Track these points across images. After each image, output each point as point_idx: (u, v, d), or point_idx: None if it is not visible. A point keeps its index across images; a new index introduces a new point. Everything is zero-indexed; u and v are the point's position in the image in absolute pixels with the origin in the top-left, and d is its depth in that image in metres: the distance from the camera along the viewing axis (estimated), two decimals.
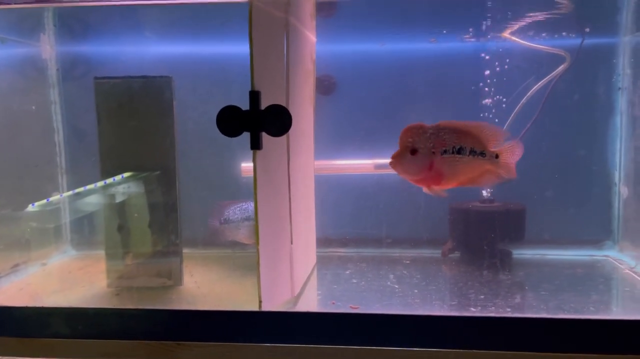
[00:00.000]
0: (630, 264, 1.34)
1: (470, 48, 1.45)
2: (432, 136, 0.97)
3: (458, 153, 0.99)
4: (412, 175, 0.99)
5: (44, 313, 1.04)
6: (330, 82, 1.51)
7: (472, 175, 1.01)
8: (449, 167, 0.99)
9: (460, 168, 1.00)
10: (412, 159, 0.97)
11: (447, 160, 0.98)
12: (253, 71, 0.94)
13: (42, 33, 1.51)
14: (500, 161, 1.02)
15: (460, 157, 0.99)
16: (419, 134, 0.97)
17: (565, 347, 0.92)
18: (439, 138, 0.97)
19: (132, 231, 1.25)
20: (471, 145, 1.00)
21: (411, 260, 1.41)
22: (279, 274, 1.08)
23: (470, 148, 1.00)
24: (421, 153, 0.97)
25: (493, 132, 1.02)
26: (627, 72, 1.40)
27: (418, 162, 0.97)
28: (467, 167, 1.00)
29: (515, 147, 1.03)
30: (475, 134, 1.00)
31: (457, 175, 1.00)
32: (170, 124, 1.21)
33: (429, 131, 0.97)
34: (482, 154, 1.00)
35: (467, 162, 1.00)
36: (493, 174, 1.03)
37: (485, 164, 1.01)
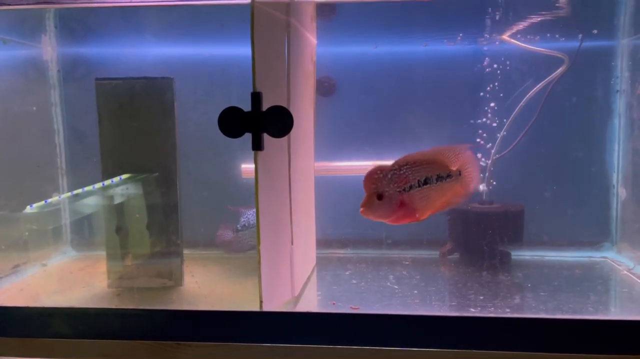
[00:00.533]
0: (629, 266, 1.35)
1: (469, 50, 1.45)
2: (394, 176, 0.97)
3: (425, 184, 0.99)
4: (384, 218, 0.99)
5: (45, 313, 1.04)
6: (330, 84, 1.52)
7: (445, 199, 1.01)
8: (419, 200, 0.98)
9: (431, 197, 1.00)
10: (380, 204, 0.97)
11: (415, 194, 0.98)
12: (255, 72, 0.94)
13: (43, 34, 1.52)
14: (464, 175, 1.02)
15: (429, 187, 0.99)
16: (380, 179, 0.97)
17: (563, 347, 0.92)
18: (401, 176, 0.97)
19: (130, 233, 1.25)
20: (437, 172, 1.00)
21: (411, 261, 1.41)
22: (280, 274, 1.08)
23: (437, 175, 1.00)
24: (387, 196, 0.96)
25: (451, 152, 1.02)
26: (625, 74, 1.41)
27: (387, 205, 0.97)
28: (438, 194, 1.00)
29: (468, 157, 1.02)
30: (436, 160, 1.01)
31: (430, 204, 1.00)
32: (172, 125, 1.21)
33: (390, 172, 0.97)
34: (448, 176, 1.01)
35: (436, 189, 1.00)
36: (462, 191, 1.03)
37: (453, 185, 1.02)
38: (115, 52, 1.54)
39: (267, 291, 0.99)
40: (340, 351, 0.97)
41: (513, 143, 1.43)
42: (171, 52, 1.53)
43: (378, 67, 1.50)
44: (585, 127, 1.46)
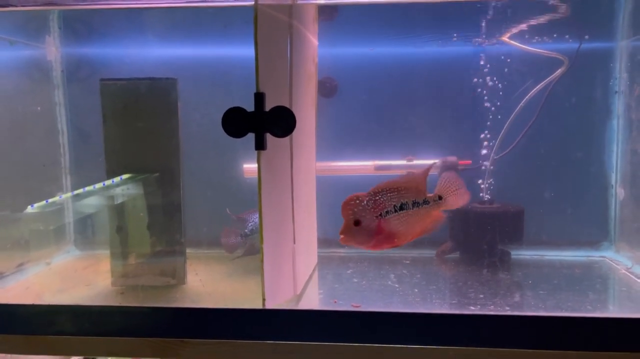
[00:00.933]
0: (627, 265, 1.36)
1: (469, 52, 1.47)
2: (370, 203, 0.99)
3: (401, 209, 1.01)
4: (363, 244, 1.01)
5: (50, 311, 1.05)
6: (331, 85, 1.53)
7: (423, 224, 1.03)
8: (397, 225, 1.01)
9: (409, 222, 1.01)
10: (357, 230, 0.99)
11: (392, 220, 1.00)
12: (258, 73, 0.96)
13: (47, 35, 1.53)
14: (445, 200, 1.04)
15: (405, 213, 1.01)
16: (357, 205, 0.99)
17: (562, 345, 0.93)
18: (377, 202, 0.99)
19: (131, 233, 1.26)
20: (412, 198, 1.02)
21: (411, 260, 1.43)
22: (282, 272, 1.10)
23: (412, 201, 1.02)
24: (365, 222, 0.99)
25: (425, 177, 1.04)
26: (624, 76, 1.42)
27: (365, 231, 0.99)
28: (415, 219, 1.02)
29: (449, 179, 1.04)
30: (411, 187, 1.02)
31: (408, 229, 1.02)
32: (175, 125, 1.23)
33: (366, 199, 0.99)
34: (425, 202, 1.03)
35: (413, 215, 1.02)
36: (441, 217, 1.04)
37: (431, 211, 1.03)
38: (119, 52, 1.56)
39: (269, 289, 1.00)
40: (342, 349, 0.99)
41: (513, 144, 1.45)
42: (174, 54, 1.55)
43: (379, 68, 1.51)
44: (584, 128, 1.47)
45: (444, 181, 1.04)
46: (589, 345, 0.93)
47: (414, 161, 1.52)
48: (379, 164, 1.53)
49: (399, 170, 1.53)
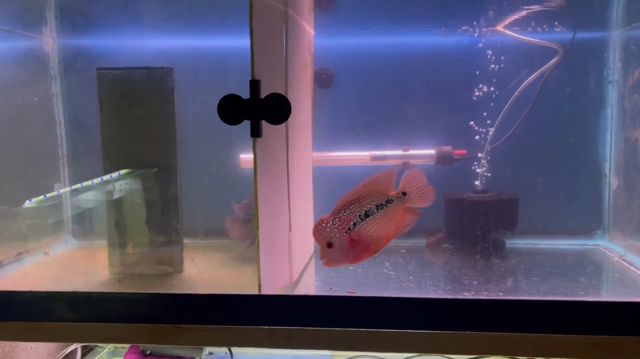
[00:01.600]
0: (620, 253, 1.38)
1: (465, 41, 1.47)
2: (336, 221, 1.00)
3: (367, 216, 1.01)
4: (343, 262, 1.02)
5: (48, 298, 1.06)
6: (327, 76, 1.54)
7: (394, 223, 1.03)
8: (367, 232, 1.01)
9: (379, 226, 1.02)
10: (333, 251, 1.00)
11: (362, 229, 1.01)
12: (253, 61, 0.96)
13: (44, 26, 1.54)
14: (410, 195, 1.03)
15: (372, 218, 1.01)
16: (324, 228, 1.00)
17: (555, 328, 0.95)
18: (342, 219, 1.01)
19: (129, 228, 1.27)
20: (374, 202, 1.02)
21: (407, 249, 1.44)
22: (278, 259, 1.11)
23: (375, 204, 1.02)
24: (336, 241, 1.00)
25: (384, 177, 1.03)
26: (618, 65, 1.43)
27: (339, 250, 1.00)
28: (384, 220, 1.02)
29: (412, 175, 1.04)
30: (370, 191, 1.02)
31: (380, 233, 1.02)
32: (172, 114, 1.23)
33: (331, 219, 1.00)
34: (389, 202, 1.03)
35: (381, 217, 1.02)
36: (413, 211, 1.04)
37: (398, 208, 1.03)
38: (116, 43, 1.56)
39: (265, 276, 1.01)
40: (338, 334, 0.99)
41: (507, 133, 1.46)
42: (171, 44, 1.55)
43: (376, 58, 1.52)
44: (578, 117, 1.48)
45: (407, 178, 1.03)
46: (581, 329, 0.94)
47: (409, 151, 1.53)
48: (375, 154, 1.54)
49: (395, 160, 1.54)
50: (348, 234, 1.00)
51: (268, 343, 1.02)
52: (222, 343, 1.11)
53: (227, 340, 1.05)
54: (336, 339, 1.00)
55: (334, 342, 1.01)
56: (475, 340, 0.97)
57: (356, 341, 1.00)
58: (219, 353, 1.60)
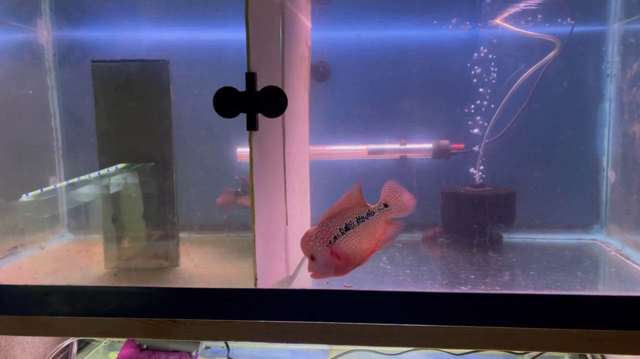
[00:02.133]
0: (617, 247, 1.38)
1: (463, 35, 1.47)
2: (319, 234, 1.01)
3: (347, 230, 1.02)
4: (327, 274, 1.03)
5: (43, 292, 1.06)
6: (325, 69, 1.53)
7: (376, 236, 1.03)
8: (349, 246, 1.02)
9: (361, 239, 1.02)
10: (317, 264, 1.02)
11: (342, 242, 1.01)
12: (249, 53, 0.95)
13: (38, 18, 1.52)
14: (391, 206, 1.04)
15: (353, 231, 1.02)
16: (308, 241, 1.02)
17: (552, 322, 0.94)
18: (324, 232, 1.01)
19: (127, 223, 1.26)
20: (355, 214, 1.02)
21: (403, 243, 1.43)
22: (274, 253, 1.10)
23: (356, 217, 1.02)
24: (319, 254, 1.01)
25: (359, 190, 1.04)
26: (616, 59, 1.43)
27: (322, 263, 1.02)
28: (366, 233, 1.03)
29: (391, 187, 1.04)
30: (350, 205, 1.03)
31: (362, 246, 1.03)
32: (168, 107, 1.22)
33: (314, 233, 1.01)
34: (370, 214, 1.03)
35: (361, 230, 1.02)
36: (394, 223, 1.04)
37: (380, 220, 1.03)
38: (111, 36, 1.55)
39: (261, 269, 1.01)
40: (334, 328, 0.99)
41: (505, 127, 1.45)
42: (167, 37, 1.54)
43: (373, 51, 1.51)
44: (576, 111, 1.47)
45: (387, 190, 1.04)
46: (577, 323, 0.94)
47: (407, 145, 1.52)
48: (373, 148, 1.53)
49: (393, 154, 1.53)
50: (329, 247, 1.01)
51: (264, 337, 1.01)
52: (218, 337, 1.11)
53: (223, 334, 1.04)
54: (332, 333, 1.00)
55: (331, 336, 1.00)
56: (472, 334, 0.97)
57: (352, 335, 0.99)
58: (216, 347, 1.60)
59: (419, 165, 1.53)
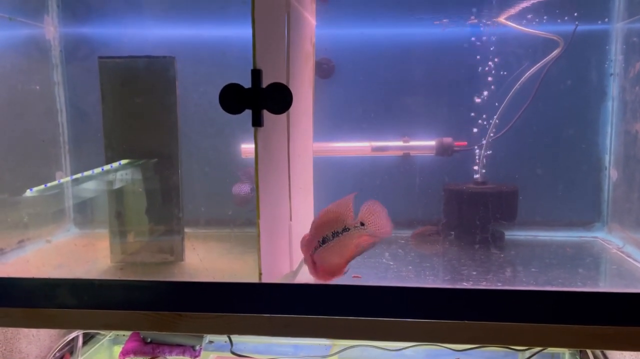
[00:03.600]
0: (618, 245, 1.38)
1: (467, 33, 1.47)
2: (308, 242, 1.04)
3: (324, 243, 1.04)
4: (315, 277, 1.06)
5: (50, 284, 1.07)
6: (329, 66, 1.54)
7: (349, 251, 1.05)
8: (324, 257, 1.04)
9: (334, 252, 1.04)
10: (308, 266, 1.06)
11: (319, 254, 1.04)
12: (255, 50, 0.96)
13: (46, 14, 1.54)
14: (368, 226, 1.05)
15: (328, 244, 1.04)
16: (301, 246, 1.05)
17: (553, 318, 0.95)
18: (310, 241, 1.04)
19: (130, 218, 1.27)
20: (332, 229, 1.04)
21: (406, 240, 1.44)
22: (279, 248, 1.11)
23: (332, 232, 1.04)
24: (306, 259, 1.05)
25: (345, 204, 1.05)
26: (619, 58, 1.43)
27: (310, 266, 1.05)
28: (339, 247, 1.04)
29: (370, 208, 1.05)
30: (336, 215, 1.05)
31: (335, 259, 1.04)
32: (173, 103, 1.23)
33: (306, 239, 1.05)
34: (345, 230, 1.04)
35: (335, 245, 1.04)
36: (368, 239, 1.06)
37: (354, 236, 1.05)
38: (117, 32, 1.56)
39: (266, 264, 1.02)
40: (337, 322, 1.00)
41: (508, 125, 1.46)
42: (173, 33, 1.55)
43: (377, 49, 1.52)
44: (579, 109, 1.48)
45: (366, 209, 1.05)
46: (578, 319, 0.95)
47: (410, 142, 1.53)
48: (376, 145, 1.54)
49: (396, 151, 1.54)
50: (311, 256, 1.04)
51: (268, 331, 1.03)
52: (222, 330, 1.12)
53: (227, 328, 1.05)
54: (335, 328, 1.01)
55: (333, 331, 1.01)
56: (473, 330, 0.98)
57: (355, 330, 1.00)
58: (219, 342, 1.61)
59: (422, 162, 1.54)
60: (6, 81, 1.41)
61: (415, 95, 1.52)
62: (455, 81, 1.49)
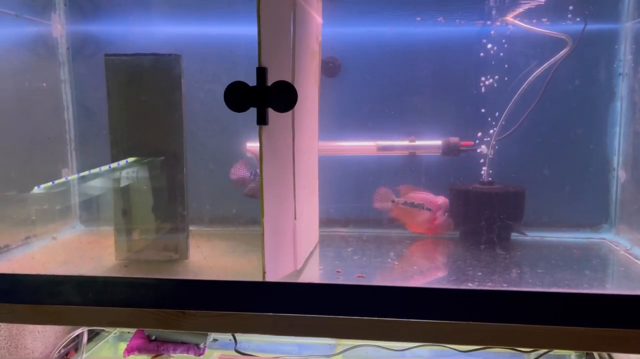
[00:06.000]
0: (626, 247, 1.37)
1: (474, 32, 1.46)
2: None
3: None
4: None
5: (55, 281, 1.07)
6: (334, 65, 1.54)
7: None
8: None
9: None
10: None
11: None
12: (260, 48, 0.96)
13: (52, 12, 1.54)
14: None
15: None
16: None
17: (560, 320, 0.95)
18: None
19: (136, 216, 1.27)
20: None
21: (411, 240, 1.44)
22: (283, 247, 1.11)
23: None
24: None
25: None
26: (628, 58, 1.42)
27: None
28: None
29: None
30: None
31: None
32: (179, 101, 1.23)
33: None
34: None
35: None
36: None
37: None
38: (124, 30, 1.56)
39: (270, 263, 1.02)
40: (342, 322, 1.00)
41: (515, 125, 1.45)
42: (179, 31, 1.55)
43: (383, 48, 1.51)
44: (587, 109, 1.47)
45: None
46: (585, 321, 0.94)
47: (416, 142, 1.53)
48: (382, 145, 1.54)
49: (402, 151, 1.54)
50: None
51: (272, 329, 1.03)
52: (226, 329, 1.12)
53: (231, 326, 1.06)
54: (340, 328, 1.01)
55: (338, 330, 1.01)
56: (479, 331, 0.97)
57: (359, 329, 1.00)
58: (223, 340, 1.61)
59: (428, 162, 1.53)
60: (13, 78, 1.41)
61: (422, 94, 1.52)
62: (462, 80, 1.48)
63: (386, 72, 1.53)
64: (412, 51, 1.50)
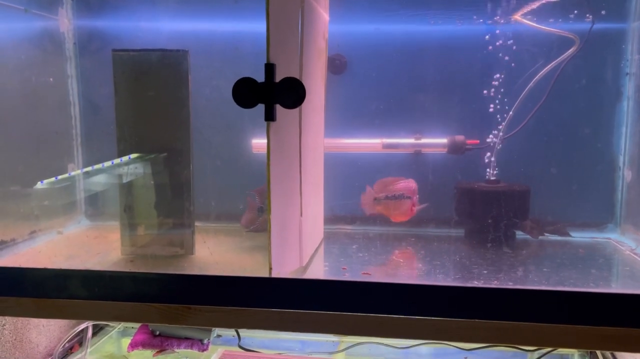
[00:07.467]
0: (631, 246, 1.37)
1: (481, 30, 1.46)
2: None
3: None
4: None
5: (61, 275, 1.08)
6: (341, 62, 1.54)
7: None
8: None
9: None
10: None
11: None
12: (269, 44, 0.96)
13: (60, 7, 1.54)
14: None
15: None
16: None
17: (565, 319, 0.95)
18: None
19: (139, 212, 1.28)
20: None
21: (416, 237, 1.44)
22: (289, 243, 1.11)
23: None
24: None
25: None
26: (635, 57, 1.41)
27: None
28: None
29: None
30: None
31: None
32: (186, 97, 1.24)
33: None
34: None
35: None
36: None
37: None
38: (131, 25, 1.57)
39: (276, 259, 1.02)
40: (346, 318, 1.00)
41: (521, 123, 1.45)
42: (186, 27, 1.55)
43: (389, 45, 1.51)
44: (593, 109, 1.46)
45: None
46: (590, 320, 0.94)
47: (422, 140, 1.52)
48: (387, 142, 1.54)
49: (407, 148, 1.54)
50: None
51: (277, 325, 1.03)
52: (231, 324, 1.12)
53: (237, 322, 1.06)
54: (344, 324, 1.01)
55: (342, 327, 1.01)
56: (484, 329, 0.97)
57: (364, 326, 1.00)
58: (227, 336, 1.62)
59: (434, 160, 1.53)
60: (20, 73, 1.42)
61: (428, 92, 1.52)
62: (469, 79, 1.48)
63: (392, 70, 1.53)
64: (418, 49, 1.50)
